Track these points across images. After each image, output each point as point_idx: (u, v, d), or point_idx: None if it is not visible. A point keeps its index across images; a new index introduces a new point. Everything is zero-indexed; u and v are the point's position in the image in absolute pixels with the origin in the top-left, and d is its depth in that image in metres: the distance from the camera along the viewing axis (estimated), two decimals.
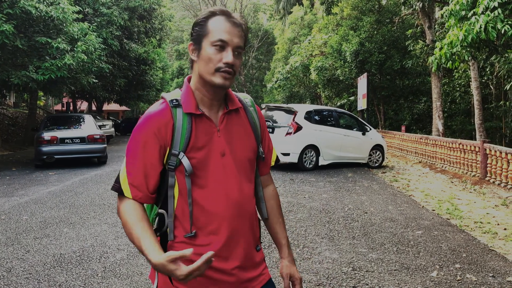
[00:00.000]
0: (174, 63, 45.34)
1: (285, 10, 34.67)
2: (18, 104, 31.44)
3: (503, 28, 6.85)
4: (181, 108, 1.30)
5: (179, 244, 1.31)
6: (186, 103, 1.31)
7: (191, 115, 1.30)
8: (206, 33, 1.28)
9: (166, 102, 1.32)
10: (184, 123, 1.29)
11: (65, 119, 12.79)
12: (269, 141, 1.53)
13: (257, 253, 1.43)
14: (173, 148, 1.28)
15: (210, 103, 1.34)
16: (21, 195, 7.24)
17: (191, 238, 1.31)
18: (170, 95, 1.34)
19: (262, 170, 1.52)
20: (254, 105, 1.49)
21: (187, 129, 1.29)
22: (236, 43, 1.27)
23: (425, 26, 15.47)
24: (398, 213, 6.08)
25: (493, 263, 4.13)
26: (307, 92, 28.67)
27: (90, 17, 16.23)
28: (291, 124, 10.07)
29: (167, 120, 1.28)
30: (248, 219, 1.37)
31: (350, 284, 3.51)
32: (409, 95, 20.40)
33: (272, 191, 1.55)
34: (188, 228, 1.30)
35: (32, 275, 3.68)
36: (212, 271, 1.30)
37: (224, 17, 1.29)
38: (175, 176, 1.30)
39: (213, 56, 1.26)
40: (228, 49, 1.27)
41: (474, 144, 9.49)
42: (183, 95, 1.33)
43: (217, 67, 1.27)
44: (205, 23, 1.29)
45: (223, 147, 1.33)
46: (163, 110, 1.30)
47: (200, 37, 1.29)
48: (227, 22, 1.28)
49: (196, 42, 1.31)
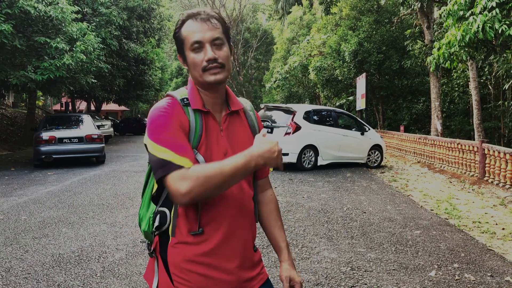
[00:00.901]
0: (173, 63, 45.27)
1: (284, 10, 34.66)
2: (17, 104, 31.41)
3: (500, 28, 6.87)
4: (190, 106, 1.32)
5: (180, 245, 1.31)
6: (193, 100, 1.33)
7: (200, 113, 1.32)
8: (183, 41, 1.32)
9: (175, 100, 1.32)
10: (197, 120, 1.30)
11: (64, 119, 12.88)
12: None
13: (254, 253, 1.44)
14: None
15: (213, 102, 1.36)
16: (19, 195, 7.24)
17: (195, 236, 1.30)
18: (178, 94, 1.35)
19: (260, 174, 1.51)
20: (254, 110, 1.51)
21: (200, 126, 1.30)
22: (209, 37, 1.29)
23: (424, 26, 15.49)
24: (396, 213, 6.09)
25: (491, 262, 4.14)
26: (306, 92, 28.68)
27: (89, 17, 16.21)
28: (290, 124, 10.07)
29: (184, 116, 1.29)
30: (248, 219, 1.39)
31: (348, 284, 3.52)
32: (407, 95, 20.42)
33: (271, 196, 1.55)
34: (193, 225, 1.30)
35: (31, 275, 3.68)
36: (213, 270, 1.30)
37: (191, 20, 1.31)
38: None
39: (195, 60, 1.29)
40: (206, 46, 1.29)
41: (473, 144, 9.51)
42: (189, 93, 1.35)
43: (202, 67, 1.29)
44: (179, 33, 1.33)
45: (225, 146, 1.34)
46: (177, 108, 1.29)
47: (181, 47, 1.34)
48: (195, 23, 1.30)
49: (180, 53, 1.36)
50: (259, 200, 1.52)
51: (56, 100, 36.54)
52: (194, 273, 1.30)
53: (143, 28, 22.11)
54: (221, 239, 1.31)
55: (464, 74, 18.26)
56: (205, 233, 1.30)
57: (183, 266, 1.30)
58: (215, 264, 1.30)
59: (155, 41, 24.63)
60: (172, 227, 1.32)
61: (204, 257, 1.30)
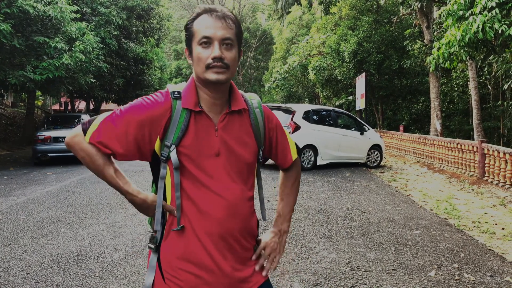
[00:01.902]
0: (173, 63, 45.27)
1: (283, 10, 34.65)
2: (16, 103, 31.38)
3: (500, 28, 6.86)
4: (181, 101, 1.31)
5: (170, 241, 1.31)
6: (186, 98, 1.31)
7: (190, 111, 1.30)
8: (193, 34, 1.30)
9: (167, 94, 1.32)
10: (182, 117, 1.29)
11: (63, 119, 13.25)
12: (283, 138, 1.52)
13: (251, 255, 1.43)
14: (166, 139, 1.28)
15: (211, 101, 1.34)
16: (18, 194, 7.22)
17: (179, 234, 1.30)
18: (174, 87, 1.35)
19: (282, 164, 1.56)
20: (261, 106, 1.47)
21: (184, 122, 1.28)
22: (220, 35, 1.27)
23: (423, 26, 15.49)
24: (396, 213, 6.09)
25: (491, 262, 4.13)
26: (305, 92, 28.69)
27: (88, 17, 16.19)
28: (289, 124, 10.06)
29: (164, 111, 1.29)
30: (241, 221, 1.35)
31: (348, 284, 3.51)
32: (407, 95, 20.43)
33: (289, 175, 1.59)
34: (176, 222, 1.30)
35: (30, 275, 3.66)
36: (205, 272, 1.29)
37: (206, 15, 1.29)
38: (167, 168, 1.30)
39: (201, 55, 1.28)
40: (214, 44, 1.27)
41: (472, 144, 9.51)
42: (185, 89, 1.34)
43: (207, 64, 1.27)
44: (191, 25, 1.31)
45: (218, 147, 1.31)
46: (163, 101, 1.30)
47: (190, 40, 1.32)
48: (210, 18, 1.28)
49: (188, 46, 1.34)
50: (280, 177, 1.62)
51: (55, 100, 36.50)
52: (184, 271, 1.29)
53: (142, 27, 22.09)
54: (211, 240, 1.29)
55: (463, 74, 18.28)
56: (191, 231, 1.29)
57: (173, 263, 1.30)
58: (207, 266, 1.29)
59: (154, 41, 24.60)
60: (156, 220, 1.33)
61: (192, 256, 1.29)
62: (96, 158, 1.28)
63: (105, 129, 1.27)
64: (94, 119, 1.30)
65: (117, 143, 1.27)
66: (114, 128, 1.26)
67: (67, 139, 1.31)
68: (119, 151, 1.28)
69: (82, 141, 1.28)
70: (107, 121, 1.28)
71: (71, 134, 1.30)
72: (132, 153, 1.30)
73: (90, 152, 1.27)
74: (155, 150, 1.31)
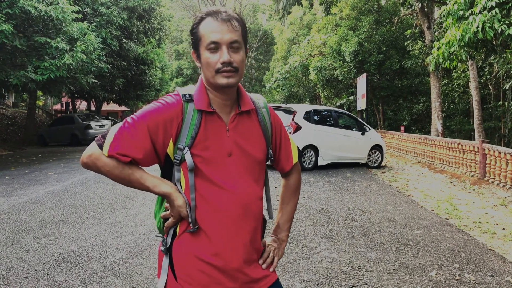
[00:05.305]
0: (173, 63, 45.30)
1: (284, 10, 34.65)
2: (17, 104, 31.40)
3: (500, 28, 6.87)
4: (193, 103, 1.31)
5: (182, 242, 1.32)
6: (199, 99, 1.32)
7: (201, 112, 1.31)
8: (200, 39, 1.30)
9: (178, 97, 1.33)
10: (194, 119, 1.29)
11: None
12: (285, 139, 1.54)
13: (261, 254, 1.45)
14: (179, 142, 1.29)
15: (221, 103, 1.35)
16: (20, 194, 7.24)
17: (193, 234, 1.31)
18: (184, 90, 1.35)
19: (283, 168, 1.57)
20: (267, 106, 1.48)
21: (195, 125, 1.29)
22: (228, 39, 1.27)
23: (424, 26, 15.49)
24: (397, 213, 6.10)
25: (491, 262, 4.14)
26: (306, 92, 28.68)
27: (89, 17, 16.23)
28: (290, 124, 10.07)
29: (176, 113, 1.29)
30: (253, 220, 1.37)
31: (349, 284, 3.52)
32: (408, 95, 20.43)
33: (290, 182, 1.62)
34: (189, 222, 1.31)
35: (32, 274, 3.68)
36: (216, 271, 1.30)
37: (211, 18, 1.28)
38: (181, 170, 1.31)
39: (210, 60, 1.28)
40: (222, 48, 1.27)
41: (473, 144, 9.51)
42: (196, 91, 1.34)
43: (216, 68, 1.27)
44: (197, 29, 1.31)
45: (230, 147, 1.33)
46: (175, 104, 1.31)
47: (197, 44, 1.32)
48: (215, 22, 1.27)
49: (195, 49, 1.34)
50: (281, 185, 1.63)
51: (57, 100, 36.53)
52: (196, 270, 1.30)
53: (143, 28, 22.13)
54: (222, 239, 1.31)
55: (464, 75, 18.27)
56: (204, 232, 1.30)
57: (185, 262, 1.31)
58: (218, 265, 1.30)
59: (155, 41, 24.63)
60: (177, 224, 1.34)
61: (204, 255, 1.30)
62: (120, 169, 1.28)
63: (121, 139, 1.26)
64: (106, 133, 1.29)
65: (136, 150, 1.26)
66: (130, 136, 1.26)
67: (84, 159, 1.29)
68: (139, 157, 1.27)
69: (101, 156, 1.27)
70: (122, 130, 1.27)
71: (87, 153, 1.29)
72: (151, 158, 1.30)
73: (113, 165, 1.27)
74: (168, 153, 1.31)
